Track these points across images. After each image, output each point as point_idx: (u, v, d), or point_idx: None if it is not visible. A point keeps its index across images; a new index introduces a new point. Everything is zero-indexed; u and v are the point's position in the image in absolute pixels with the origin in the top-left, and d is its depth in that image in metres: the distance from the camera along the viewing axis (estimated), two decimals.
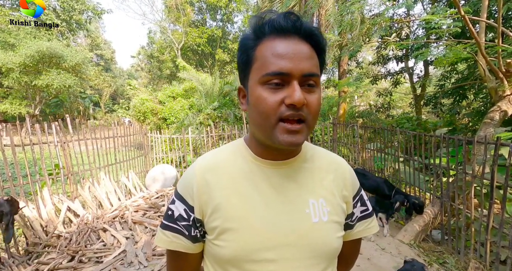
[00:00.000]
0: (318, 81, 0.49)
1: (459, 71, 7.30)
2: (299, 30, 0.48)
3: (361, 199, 0.64)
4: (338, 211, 0.56)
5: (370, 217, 0.65)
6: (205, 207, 0.53)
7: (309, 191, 0.55)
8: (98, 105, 23.01)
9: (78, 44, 21.68)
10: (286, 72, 0.46)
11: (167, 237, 0.55)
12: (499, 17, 2.84)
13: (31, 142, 3.22)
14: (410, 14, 8.75)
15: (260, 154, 0.55)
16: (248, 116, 0.54)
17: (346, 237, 0.63)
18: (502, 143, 2.32)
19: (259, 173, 0.54)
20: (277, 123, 0.47)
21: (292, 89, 0.46)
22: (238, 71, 0.55)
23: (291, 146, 0.48)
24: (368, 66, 14.13)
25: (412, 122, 7.03)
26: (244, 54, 0.51)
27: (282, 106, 0.46)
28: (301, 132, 0.48)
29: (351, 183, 0.61)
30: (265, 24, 0.49)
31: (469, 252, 2.65)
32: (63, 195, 3.53)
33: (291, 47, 0.47)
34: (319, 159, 0.60)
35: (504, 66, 3.12)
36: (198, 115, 8.38)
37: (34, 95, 13.34)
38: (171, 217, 0.56)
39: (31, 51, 10.94)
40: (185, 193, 0.55)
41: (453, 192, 2.94)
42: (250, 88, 0.51)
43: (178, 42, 17.73)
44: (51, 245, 2.79)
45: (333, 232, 0.55)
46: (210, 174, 0.55)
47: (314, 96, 0.48)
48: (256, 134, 0.54)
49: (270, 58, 0.47)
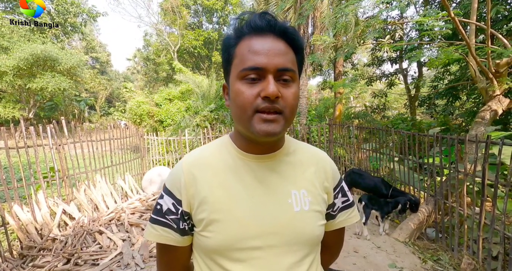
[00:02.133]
0: (294, 76, 0.52)
1: (451, 72, 7.44)
2: (273, 29, 0.51)
3: (342, 190, 0.67)
4: (319, 201, 0.60)
5: (351, 207, 0.68)
6: (192, 200, 0.55)
7: (291, 182, 0.58)
8: (94, 108, 22.83)
9: (73, 47, 21.55)
10: (261, 67, 0.49)
11: (156, 231, 0.57)
12: (488, 19, 2.92)
13: (26, 144, 3.19)
14: (403, 17, 8.91)
15: (245, 148, 0.58)
16: (230, 111, 0.57)
17: (329, 227, 0.66)
18: (492, 142, 2.38)
19: (244, 167, 0.57)
20: (253, 114, 0.50)
21: (267, 82, 0.48)
22: (222, 69, 0.58)
23: (268, 135, 0.50)
24: (363, 67, 14.30)
25: (406, 123, 7.13)
26: (226, 52, 0.55)
27: (258, 99, 0.49)
28: (276, 121, 0.50)
29: (331, 175, 0.64)
30: (243, 24, 0.52)
31: (462, 249, 2.70)
32: (58, 198, 3.49)
33: (267, 44, 0.50)
34: (301, 152, 0.63)
35: (494, 67, 3.20)
36: (194, 117, 8.38)
37: (28, 99, 13.21)
38: (160, 211, 0.58)
39: (25, 54, 10.84)
40: (173, 187, 0.57)
41: (446, 190, 2.99)
42: (231, 84, 0.54)
43: (175, 45, 17.73)
44: (46, 248, 2.76)
45: (314, 221, 0.58)
46: (196, 169, 0.57)
47: (289, 90, 0.51)
48: (238, 128, 0.57)
49: (247, 54, 0.50)
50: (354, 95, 15.59)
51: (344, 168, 5.35)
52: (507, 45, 3.20)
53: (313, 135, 6.82)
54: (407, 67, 10.34)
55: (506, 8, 4.74)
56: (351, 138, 5.24)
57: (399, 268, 2.41)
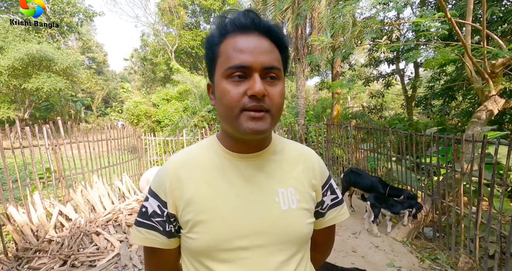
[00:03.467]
0: (279, 74, 0.51)
1: (448, 73, 7.51)
2: (258, 27, 0.50)
3: (331, 188, 0.66)
4: (307, 199, 0.59)
5: (340, 204, 0.68)
6: (178, 201, 0.54)
7: (279, 181, 0.57)
8: (90, 108, 22.66)
9: (69, 47, 21.35)
10: (247, 65, 0.48)
11: (141, 234, 0.56)
12: (484, 20, 2.95)
13: (21, 145, 3.16)
14: (400, 17, 8.98)
15: (231, 147, 0.57)
16: (216, 111, 0.56)
17: (319, 224, 0.66)
18: (488, 141, 2.40)
19: (230, 166, 0.56)
20: (240, 113, 0.49)
21: (253, 81, 0.48)
22: (206, 68, 0.58)
23: (255, 133, 0.49)
24: (361, 68, 14.38)
25: (403, 123, 7.18)
26: (210, 51, 0.54)
27: (245, 98, 0.48)
28: (263, 119, 0.49)
29: (319, 173, 0.63)
30: (227, 22, 0.51)
31: (459, 248, 2.72)
32: (54, 199, 3.46)
33: (252, 42, 0.49)
34: (288, 151, 0.62)
35: (489, 67, 3.23)
36: (192, 118, 8.36)
37: (23, 99, 13.06)
38: (145, 214, 0.57)
39: (20, 54, 10.73)
40: (158, 189, 0.57)
41: (443, 189, 3.01)
42: (216, 83, 0.53)
43: (172, 45, 17.67)
44: (42, 250, 2.73)
45: (302, 219, 0.57)
46: (182, 169, 0.56)
47: (276, 88, 0.51)
48: (225, 127, 0.56)
49: (232, 53, 0.49)
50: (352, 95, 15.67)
51: (342, 168, 5.37)
52: (502, 46, 3.23)
53: (311, 135, 6.83)
54: (403, 67, 10.44)
55: (501, 10, 4.80)
56: (349, 138, 5.26)
57: (397, 267, 2.42)
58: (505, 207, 2.76)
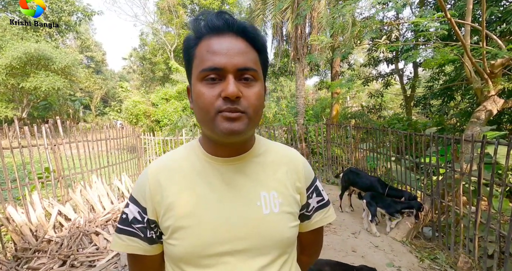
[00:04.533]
0: (256, 75, 0.50)
1: (446, 73, 7.53)
2: (232, 28, 0.50)
3: (316, 190, 0.65)
4: (291, 202, 0.58)
5: (326, 206, 0.67)
6: (158, 207, 0.54)
7: (261, 184, 0.56)
8: (89, 108, 22.58)
9: (67, 46, 21.25)
10: (220, 67, 0.47)
11: (122, 241, 0.56)
12: (483, 21, 2.96)
13: (20, 144, 3.14)
14: (400, 17, 8.99)
15: (213, 151, 0.56)
16: (194, 114, 0.55)
17: (305, 227, 0.65)
18: (488, 141, 2.41)
19: (211, 170, 0.56)
20: (216, 115, 0.48)
21: (227, 83, 0.47)
22: (186, 72, 0.57)
23: (232, 133, 0.48)
24: (360, 68, 14.39)
25: (403, 123, 7.20)
26: (186, 54, 0.53)
27: (219, 100, 0.47)
28: (239, 120, 0.48)
29: (304, 175, 0.62)
30: (201, 25, 0.51)
31: (458, 248, 2.73)
32: (53, 198, 3.44)
33: (225, 44, 0.49)
34: (271, 153, 0.61)
35: (489, 68, 3.24)
36: (191, 117, 8.34)
37: (21, 98, 13.01)
38: (125, 220, 0.56)
39: (18, 53, 10.67)
40: (138, 195, 0.56)
41: (442, 189, 3.02)
42: (192, 85, 0.52)
43: (171, 44, 17.62)
44: (41, 250, 2.71)
45: (285, 222, 0.56)
46: (162, 174, 0.56)
47: (251, 90, 0.49)
48: (204, 131, 0.55)
49: (206, 55, 0.49)
50: (351, 95, 15.69)
51: (341, 167, 5.38)
52: (501, 46, 3.24)
53: (310, 135, 6.84)
54: (403, 67, 10.45)
55: (500, 10, 4.82)
56: (348, 137, 5.27)
57: (396, 267, 2.43)
58: (504, 207, 2.78)
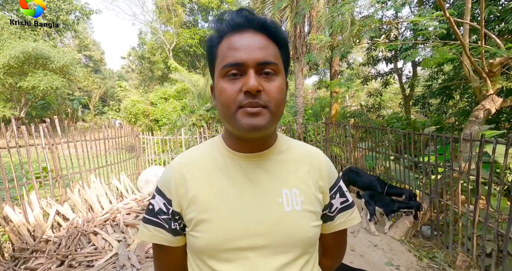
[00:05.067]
0: (277, 69, 0.51)
1: (445, 72, 7.53)
2: (252, 24, 0.51)
3: (340, 190, 0.64)
4: (313, 201, 0.57)
5: (350, 208, 0.65)
6: (182, 200, 0.55)
7: (282, 181, 0.56)
8: (87, 107, 22.49)
9: (65, 45, 21.13)
10: (241, 62, 0.48)
11: (149, 231, 0.58)
12: (482, 20, 2.96)
13: (17, 144, 3.12)
14: (398, 16, 8.98)
15: (235, 147, 0.57)
16: (217, 110, 0.56)
17: (328, 228, 0.64)
18: (486, 140, 2.41)
19: (234, 166, 0.56)
20: (237, 110, 0.49)
21: (248, 77, 0.48)
22: (209, 71, 0.58)
23: (253, 128, 0.48)
24: (359, 67, 14.39)
25: (401, 122, 7.20)
26: (209, 53, 0.55)
27: (241, 95, 0.48)
28: (261, 114, 0.48)
29: (327, 174, 0.61)
30: (223, 23, 0.52)
31: (457, 246, 2.74)
32: (51, 198, 3.43)
33: (245, 40, 0.50)
34: (294, 151, 0.61)
35: (487, 67, 3.24)
36: (190, 117, 8.32)
37: (19, 97, 12.92)
38: (152, 211, 0.58)
39: (15, 52, 10.59)
40: (164, 187, 0.58)
41: (441, 188, 3.03)
42: (215, 82, 0.53)
43: (170, 43, 17.56)
44: (39, 250, 2.70)
45: (307, 221, 0.55)
46: (186, 168, 0.57)
47: (273, 84, 0.50)
48: (226, 126, 0.56)
49: (227, 52, 0.50)
50: (350, 94, 15.70)
51: (340, 167, 5.38)
52: (500, 45, 3.24)
53: (309, 134, 6.84)
54: (402, 66, 10.46)
55: (499, 9, 4.82)
56: (347, 137, 5.27)
57: (395, 266, 2.43)
58: (502, 206, 2.79)
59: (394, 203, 3.07)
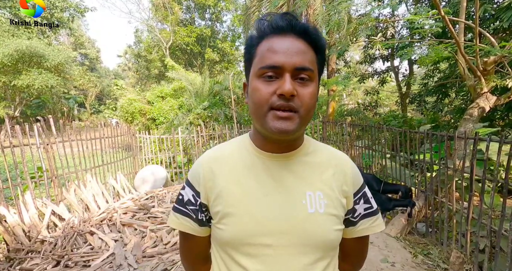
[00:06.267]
0: (312, 75, 0.52)
1: (441, 70, 7.59)
2: (294, 28, 0.52)
3: (364, 196, 0.64)
4: (336, 204, 0.58)
5: (374, 215, 0.64)
6: (210, 193, 0.58)
7: (307, 183, 0.57)
8: (83, 106, 22.29)
9: (60, 43, 20.86)
10: (279, 65, 0.49)
11: (177, 219, 0.62)
12: (476, 18, 2.98)
13: (11, 144, 3.09)
14: (395, 15, 9.00)
15: (262, 146, 0.59)
16: (248, 108, 0.58)
17: (349, 233, 0.64)
18: (480, 138, 2.44)
19: (260, 164, 0.58)
20: (268, 111, 0.50)
21: (283, 80, 0.49)
22: (244, 69, 0.61)
23: (281, 132, 0.50)
24: (356, 65, 14.42)
25: (398, 120, 7.24)
26: (248, 51, 0.57)
27: (274, 97, 0.50)
28: (291, 119, 0.50)
29: (351, 179, 0.61)
30: (265, 25, 0.54)
31: (451, 243, 2.77)
32: (47, 198, 3.40)
33: (286, 44, 0.51)
34: (320, 154, 0.62)
35: (482, 65, 3.27)
36: (188, 115, 8.29)
37: (13, 96, 12.76)
38: (181, 201, 0.62)
39: (9, 50, 10.43)
40: (193, 179, 0.61)
41: (436, 186, 3.06)
42: (250, 81, 0.55)
43: (166, 41, 17.42)
44: (34, 251, 2.69)
45: (329, 224, 0.56)
46: (215, 164, 0.60)
47: (307, 89, 0.51)
48: (255, 125, 0.58)
49: (266, 53, 0.51)
50: (347, 92, 15.74)
51: None
52: (494, 44, 3.27)
53: (306, 132, 6.85)
54: (398, 65, 10.50)
55: (493, 7, 4.85)
56: (344, 135, 5.29)
57: (391, 263, 2.46)
58: (496, 203, 2.82)
59: (390, 202, 3.09)
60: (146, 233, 2.98)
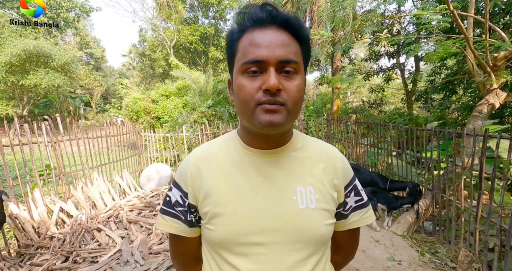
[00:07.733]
0: (297, 68, 0.50)
1: (448, 66, 7.44)
2: (275, 20, 0.49)
3: (355, 189, 0.64)
4: (328, 199, 0.57)
5: (365, 207, 0.65)
6: (198, 193, 0.56)
7: (297, 179, 0.56)
8: (89, 105, 22.56)
9: (66, 43, 21.14)
10: (262, 60, 0.47)
11: (165, 221, 0.60)
12: (486, 13, 2.90)
13: (20, 142, 3.14)
14: (401, 10, 8.85)
15: (250, 143, 0.57)
16: (235, 106, 0.56)
17: (341, 226, 0.64)
18: (490, 135, 2.39)
19: (249, 161, 0.56)
20: (255, 107, 0.49)
21: (268, 75, 0.47)
22: (227, 65, 0.58)
23: (271, 125, 0.48)
24: (361, 62, 14.25)
25: (404, 118, 7.15)
26: (229, 47, 0.54)
27: (260, 93, 0.48)
28: (278, 112, 0.48)
29: (342, 172, 0.61)
30: (245, 18, 0.51)
31: (459, 242, 2.73)
32: (55, 195, 3.46)
33: (268, 36, 0.49)
34: (310, 148, 0.61)
35: (492, 61, 3.20)
36: (192, 114, 8.31)
37: (21, 96, 12.99)
38: (169, 203, 0.60)
39: (17, 50, 10.61)
40: (180, 180, 0.59)
41: (443, 184, 3.01)
42: (234, 78, 0.53)
43: (170, 40, 17.48)
44: (44, 247, 2.74)
45: (321, 219, 0.55)
46: (202, 162, 0.58)
47: (292, 82, 0.49)
48: (243, 122, 0.56)
49: (248, 48, 0.49)
50: (352, 90, 15.60)
51: None
52: (505, 39, 3.19)
53: (311, 130, 6.82)
54: (404, 61, 10.34)
55: (503, 1, 4.73)
56: (349, 133, 5.25)
57: (397, 261, 2.44)
58: (506, 201, 2.77)
59: (397, 200, 3.06)
60: (152, 230, 3.01)
